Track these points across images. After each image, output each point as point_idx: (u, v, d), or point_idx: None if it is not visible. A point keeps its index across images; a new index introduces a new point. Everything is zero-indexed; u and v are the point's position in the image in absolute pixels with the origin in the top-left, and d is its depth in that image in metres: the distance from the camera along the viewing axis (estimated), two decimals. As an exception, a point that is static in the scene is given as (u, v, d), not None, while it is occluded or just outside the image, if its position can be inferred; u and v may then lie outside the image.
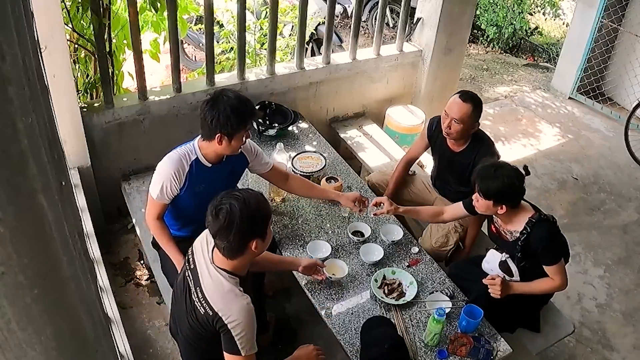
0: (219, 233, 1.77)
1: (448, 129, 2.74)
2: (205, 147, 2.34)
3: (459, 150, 2.86)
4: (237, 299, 1.79)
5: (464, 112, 2.68)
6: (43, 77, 1.00)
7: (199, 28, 4.91)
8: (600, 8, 5.01)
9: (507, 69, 6.33)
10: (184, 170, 2.32)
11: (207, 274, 1.85)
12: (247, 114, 2.29)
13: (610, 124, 5.22)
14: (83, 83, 3.35)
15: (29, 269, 0.81)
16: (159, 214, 2.40)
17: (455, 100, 2.72)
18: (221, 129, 2.24)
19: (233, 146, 2.31)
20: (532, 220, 2.31)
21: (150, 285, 3.09)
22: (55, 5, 2.55)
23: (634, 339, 3.19)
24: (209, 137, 2.29)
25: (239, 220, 1.74)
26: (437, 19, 3.92)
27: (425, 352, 2.21)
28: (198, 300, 1.84)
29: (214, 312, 1.78)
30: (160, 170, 2.33)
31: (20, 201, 0.77)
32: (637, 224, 4.05)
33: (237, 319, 1.76)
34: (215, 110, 2.23)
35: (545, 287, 2.42)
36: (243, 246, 1.80)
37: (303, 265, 2.36)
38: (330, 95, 3.90)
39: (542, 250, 2.31)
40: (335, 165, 3.19)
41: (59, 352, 0.94)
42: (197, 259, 1.92)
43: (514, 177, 2.26)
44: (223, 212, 1.75)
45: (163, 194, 2.32)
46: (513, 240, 2.38)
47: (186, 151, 2.35)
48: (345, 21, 7.12)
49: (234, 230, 1.74)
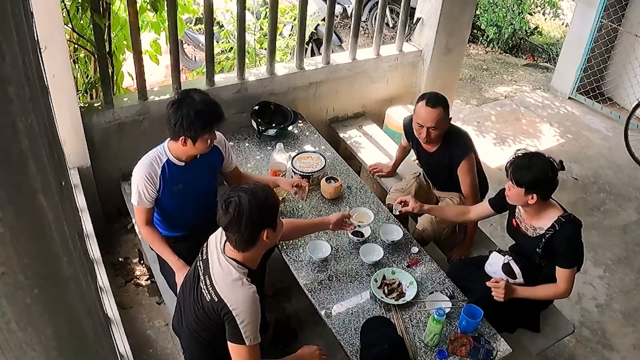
0: (230, 226, 1.81)
1: (428, 138, 2.77)
2: (174, 148, 2.36)
3: (432, 151, 2.91)
4: (243, 287, 1.82)
5: (437, 119, 2.71)
6: (43, 77, 1.00)
7: (198, 28, 4.91)
8: (600, 8, 5.01)
9: (507, 69, 6.33)
10: (157, 173, 2.35)
11: (217, 263, 1.89)
12: (212, 119, 2.28)
13: (610, 124, 5.22)
14: (83, 83, 3.35)
15: (29, 269, 0.81)
16: (146, 220, 2.43)
17: (424, 108, 2.71)
18: (184, 132, 2.24)
19: (198, 147, 2.32)
20: (562, 219, 2.30)
21: (150, 286, 3.09)
22: (55, 5, 2.55)
23: (634, 339, 3.19)
24: (174, 138, 2.31)
25: (248, 211, 1.78)
26: (437, 19, 3.92)
27: (425, 352, 2.21)
28: (205, 287, 1.87)
29: (219, 298, 1.81)
30: (134, 177, 2.37)
31: (20, 201, 0.77)
32: (637, 224, 4.05)
33: (241, 306, 1.79)
34: (179, 113, 2.22)
35: (549, 292, 2.41)
36: (255, 237, 1.84)
37: (332, 223, 2.43)
38: (330, 96, 3.90)
39: (565, 250, 2.30)
40: (335, 165, 3.19)
41: (59, 352, 0.94)
42: (210, 250, 1.96)
43: (548, 167, 2.26)
44: (232, 204, 1.79)
45: (142, 199, 2.36)
46: (535, 236, 2.37)
47: (156, 154, 2.37)
48: (345, 21, 7.12)
49: (244, 221, 1.78)
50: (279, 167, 2.84)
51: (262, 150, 3.27)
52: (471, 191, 2.90)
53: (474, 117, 5.12)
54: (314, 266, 2.53)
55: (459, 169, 2.85)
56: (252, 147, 3.29)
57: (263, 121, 3.34)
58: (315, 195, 2.94)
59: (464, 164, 2.83)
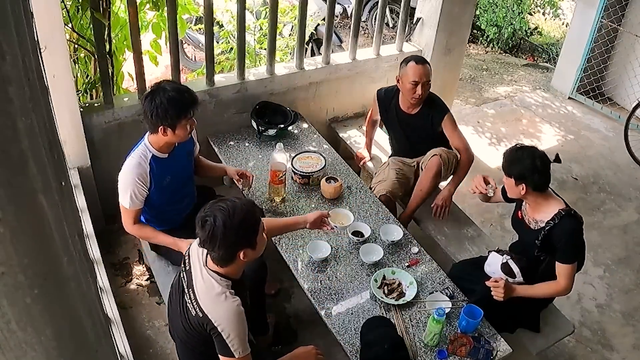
0: (205, 243, 1.79)
1: (423, 94, 2.97)
2: (155, 141, 2.39)
3: (414, 112, 3.11)
4: (226, 302, 1.80)
5: (429, 73, 2.98)
6: (43, 77, 1.00)
7: (198, 28, 4.91)
8: (600, 8, 5.01)
9: (507, 69, 6.33)
10: (146, 172, 2.38)
11: (200, 276, 1.87)
12: (186, 104, 2.31)
13: (610, 124, 5.22)
14: (83, 83, 3.35)
15: (29, 269, 0.81)
16: (135, 219, 2.46)
17: (416, 66, 2.95)
18: (162, 121, 2.28)
19: (178, 135, 2.35)
20: (562, 212, 2.33)
21: (150, 286, 3.09)
22: (55, 5, 2.55)
23: (634, 339, 3.19)
24: (153, 130, 2.34)
25: (222, 234, 1.74)
26: (437, 19, 3.92)
27: (425, 352, 2.21)
28: (190, 301, 1.85)
29: (204, 314, 1.80)
30: (124, 180, 2.38)
31: (20, 201, 0.77)
32: (637, 224, 4.05)
33: (225, 322, 1.78)
34: (153, 103, 2.27)
35: (549, 290, 2.42)
36: (231, 256, 1.81)
37: (310, 222, 2.40)
38: (330, 95, 3.90)
39: (563, 244, 2.32)
40: (335, 165, 3.19)
41: (59, 352, 0.94)
42: (192, 261, 1.94)
43: (536, 158, 2.31)
44: (208, 224, 1.75)
45: (134, 200, 2.39)
46: (536, 229, 2.39)
47: (140, 153, 2.39)
48: (345, 21, 7.12)
49: (218, 242, 1.75)
50: (279, 167, 2.84)
51: (262, 150, 3.27)
52: (462, 143, 3.08)
53: (474, 117, 5.12)
54: (314, 266, 2.53)
55: (444, 125, 3.06)
56: (252, 147, 3.29)
57: (263, 121, 3.34)
58: (315, 195, 2.94)
59: (447, 120, 3.06)
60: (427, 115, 3.08)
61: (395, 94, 3.15)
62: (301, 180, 2.98)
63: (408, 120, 3.14)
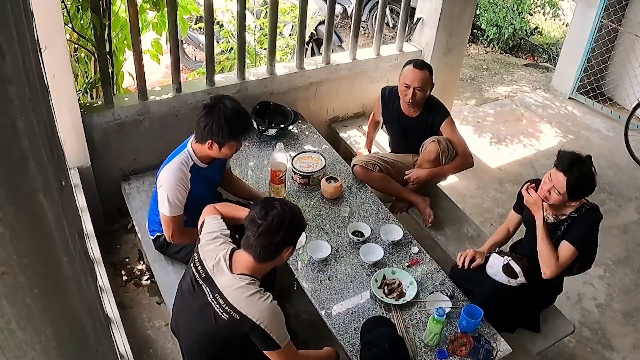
0: (265, 233, 1.81)
1: (413, 99, 2.95)
2: (199, 150, 2.40)
3: (415, 116, 3.11)
4: (261, 300, 1.84)
5: (423, 80, 2.94)
6: (43, 77, 1.00)
7: (199, 27, 4.91)
8: (600, 8, 5.00)
9: (507, 69, 6.33)
10: (187, 177, 2.38)
11: (226, 282, 1.87)
12: (241, 129, 2.33)
13: (610, 124, 5.22)
14: (83, 83, 3.35)
15: (29, 269, 0.81)
16: (181, 226, 2.42)
17: (412, 70, 2.94)
18: (213, 136, 2.29)
19: (223, 153, 2.38)
20: (587, 206, 2.41)
21: (150, 285, 3.09)
22: (55, 5, 2.55)
23: (634, 339, 3.19)
24: (202, 140, 2.35)
25: (288, 221, 1.83)
26: (437, 19, 3.92)
27: (425, 352, 2.21)
28: (220, 307, 1.85)
29: (241, 315, 1.81)
30: (165, 186, 2.35)
31: (20, 201, 0.77)
32: (637, 224, 4.05)
33: (266, 318, 1.82)
34: (210, 118, 2.28)
35: (553, 258, 2.38)
36: (278, 251, 1.87)
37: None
38: (330, 95, 3.90)
39: (579, 229, 2.37)
40: (335, 165, 3.19)
41: (59, 352, 0.94)
42: (207, 267, 1.93)
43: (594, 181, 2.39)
44: (274, 212, 1.82)
45: (176, 207, 2.37)
46: (556, 222, 2.44)
47: (182, 159, 2.39)
48: (345, 21, 7.11)
49: (282, 230, 1.81)
50: (279, 167, 2.84)
51: (262, 150, 3.27)
52: (460, 147, 3.06)
53: (474, 117, 5.12)
54: (314, 266, 2.53)
55: (443, 128, 3.05)
56: (252, 147, 3.29)
57: (263, 121, 3.34)
58: (315, 195, 2.94)
59: (447, 124, 3.05)
60: (426, 119, 3.09)
61: (398, 95, 3.15)
62: (301, 180, 2.98)
63: (408, 123, 3.15)
